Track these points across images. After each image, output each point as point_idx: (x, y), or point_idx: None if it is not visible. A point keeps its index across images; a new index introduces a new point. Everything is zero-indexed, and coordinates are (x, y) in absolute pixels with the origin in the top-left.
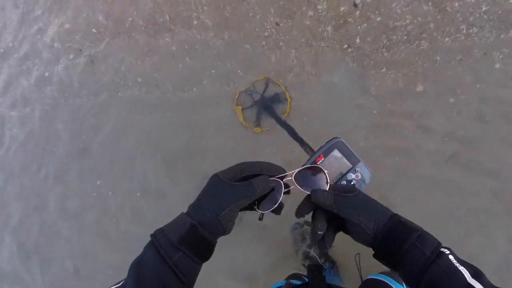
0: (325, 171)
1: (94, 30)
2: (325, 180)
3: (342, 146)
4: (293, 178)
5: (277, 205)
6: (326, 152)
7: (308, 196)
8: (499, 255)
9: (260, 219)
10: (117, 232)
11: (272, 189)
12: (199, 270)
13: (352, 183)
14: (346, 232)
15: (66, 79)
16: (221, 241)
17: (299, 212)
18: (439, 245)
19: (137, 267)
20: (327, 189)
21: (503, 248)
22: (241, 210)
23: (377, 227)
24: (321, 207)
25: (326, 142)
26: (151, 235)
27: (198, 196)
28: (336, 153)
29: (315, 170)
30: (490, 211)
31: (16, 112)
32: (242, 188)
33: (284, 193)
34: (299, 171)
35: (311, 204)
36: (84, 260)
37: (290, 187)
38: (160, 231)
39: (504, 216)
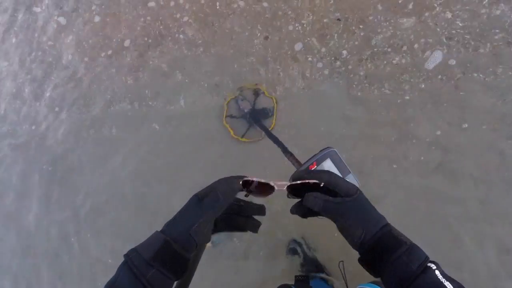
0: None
1: (85, 47)
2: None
3: (335, 156)
4: (286, 189)
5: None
6: (319, 161)
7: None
8: (487, 263)
9: (246, 195)
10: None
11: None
12: (172, 287)
13: None
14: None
15: (56, 96)
16: (211, 254)
17: (292, 211)
18: (426, 259)
19: None
20: (319, 194)
21: (491, 256)
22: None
23: (364, 236)
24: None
25: (320, 151)
26: (125, 255)
27: (175, 215)
28: (328, 162)
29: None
30: (477, 218)
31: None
32: (207, 200)
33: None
34: (291, 185)
35: (303, 208)
36: None
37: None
38: (133, 250)
39: (491, 224)
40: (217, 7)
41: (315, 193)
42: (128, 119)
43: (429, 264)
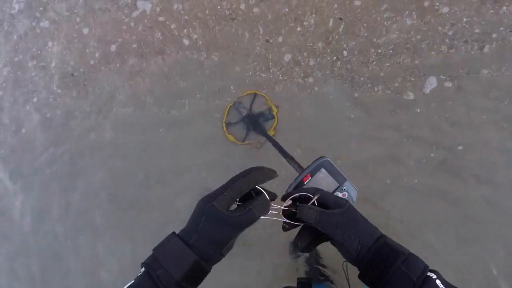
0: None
1: (86, 52)
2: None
3: (328, 165)
4: (281, 213)
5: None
6: (313, 172)
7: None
8: (492, 265)
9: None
10: None
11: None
12: None
13: None
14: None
15: (59, 102)
16: None
17: (296, 244)
18: (425, 269)
19: None
20: (312, 206)
21: (497, 258)
22: None
23: (361, 248)
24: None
25: (313, 162)
26: (146, 265)
27: (193, 222)
28: (323, 172)
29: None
30: (483, 219)
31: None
32: (243, 218)
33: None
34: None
35: (307, 235)
36: None
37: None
38: (158, 264)
39: (497, 225)
40: (219, 10)
41: (309, 205)
42: (130, 123)
43: (429, 274)
